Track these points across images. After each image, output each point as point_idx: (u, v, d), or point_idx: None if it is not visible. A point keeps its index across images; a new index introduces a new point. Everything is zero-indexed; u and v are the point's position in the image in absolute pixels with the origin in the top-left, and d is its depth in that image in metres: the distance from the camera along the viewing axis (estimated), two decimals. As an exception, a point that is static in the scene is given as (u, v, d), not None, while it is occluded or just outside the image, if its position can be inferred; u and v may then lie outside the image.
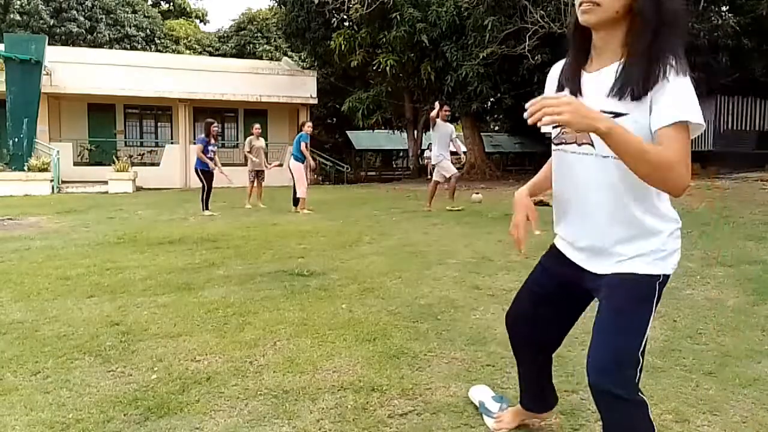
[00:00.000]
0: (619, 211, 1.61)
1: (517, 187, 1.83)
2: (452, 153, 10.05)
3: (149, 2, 42.95)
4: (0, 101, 17.05)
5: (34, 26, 32.15)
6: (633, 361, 1.55)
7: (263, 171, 11.65)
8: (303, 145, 10.14)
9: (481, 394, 2.36)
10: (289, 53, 31.47)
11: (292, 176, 10.31)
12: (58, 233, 7.55)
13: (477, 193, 12.17)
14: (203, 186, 10.06)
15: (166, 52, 35.81)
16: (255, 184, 11.52)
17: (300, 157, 10.14)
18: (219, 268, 5.18)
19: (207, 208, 9.95)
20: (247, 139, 11.76)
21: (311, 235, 7.08)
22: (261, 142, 11.76)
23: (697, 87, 1.47)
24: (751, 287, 4.16)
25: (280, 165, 12.32)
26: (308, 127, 10.39)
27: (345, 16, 20.54)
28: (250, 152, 11.45)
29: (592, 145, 1.58)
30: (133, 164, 18.19)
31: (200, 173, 10.11)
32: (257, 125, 12.01)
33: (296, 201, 10.25)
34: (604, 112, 1.48)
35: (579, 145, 1.62)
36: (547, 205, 7.85)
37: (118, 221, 8.90)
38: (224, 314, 3.71)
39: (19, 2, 32.00)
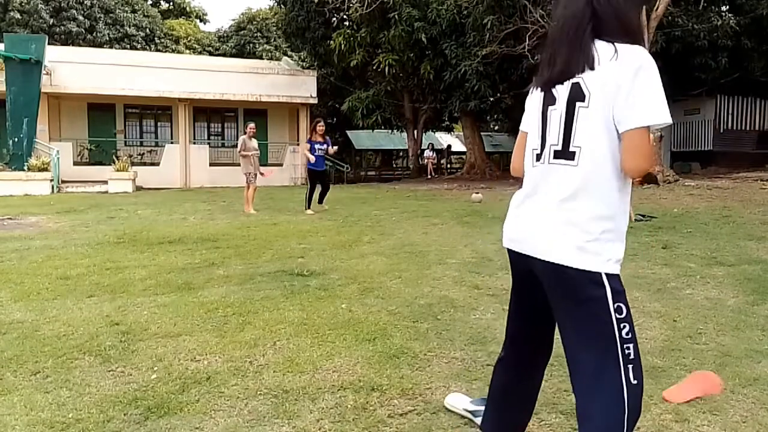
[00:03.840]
0: None
1: (517, 187, 1.79)
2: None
3: (149, 2, 42.95)
4: (0, 101, 17.04)
5: (33, 25, 32.16)
6: None
7: (256, 174, 10.73)
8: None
9: (460, 401, 2.34)
10: (289, 53, 31.48)
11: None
12: (58, 233, 7.55)
13: (477, 193, 12.18)
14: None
15: (166, 51, 35.80)
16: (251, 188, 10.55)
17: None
18: (219, 267, 5.18)
19: (308, 208, 10.05)
20: (241, 138, 10.77)
21: (311, 235, 7.07)
22: (254, 143, 10.81)
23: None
24: (751, 287, 4.17)
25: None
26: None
27: (345, 16, 20.56)
28: (245, 152, 10.54)
29: None
30: (133, 164, 18.15)
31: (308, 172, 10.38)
32: (252, 124, 11.04)
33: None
34: None
35: None
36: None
37: (118, 221, 8.90)
38: (224, 314, 3.71)
39: (18, 1, 32.00)
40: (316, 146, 10.08)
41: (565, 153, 1.58)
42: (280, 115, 23.18)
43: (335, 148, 10.75)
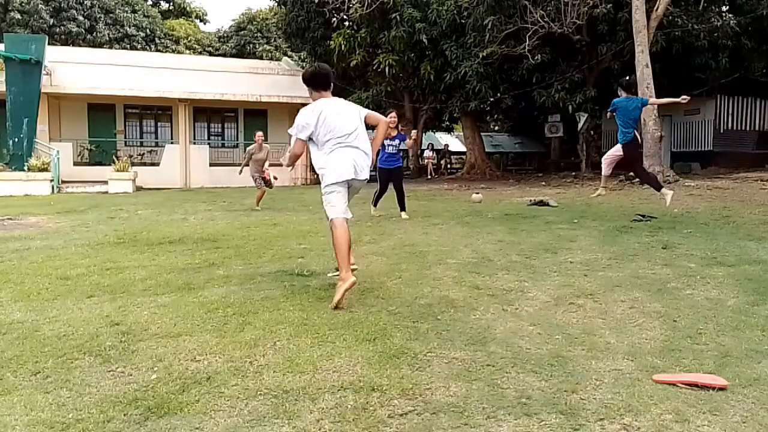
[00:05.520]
0: None
1: (517, 187, 1.85)
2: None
3: (149, 2, 42.97)
4: (0, 101, 17.04)
5: (33, 25, 32.20)
6: None
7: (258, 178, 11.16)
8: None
9: None
10: (289, 53, 31.49)
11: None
12: (58, 233, 7.55)
13: (477, 193, 12.18)
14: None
15: (166, 51, 35.83)
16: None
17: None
18: (219, 268, 5.18)
19: (375, 206, 9.19)
20: (253, 146, 11.12)
21: (311, 235, 7.07)
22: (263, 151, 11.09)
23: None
24: (751, 287, 4.16)
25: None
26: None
27: (345, 16, 20.56)
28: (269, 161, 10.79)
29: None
30: (133, 164, 18.17)
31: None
32: (260, 132, 11.29)
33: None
34: None
35: None
36: (547, 204, 8.04)
37: (118, 221, 8.90)
38: (224, 314, 3.71)
39: (18, 1, 32.02)
40: (385, 142, 8.63)
41: None
42: (280, 115, 23.17)
43: (411, 139, 9.40)
